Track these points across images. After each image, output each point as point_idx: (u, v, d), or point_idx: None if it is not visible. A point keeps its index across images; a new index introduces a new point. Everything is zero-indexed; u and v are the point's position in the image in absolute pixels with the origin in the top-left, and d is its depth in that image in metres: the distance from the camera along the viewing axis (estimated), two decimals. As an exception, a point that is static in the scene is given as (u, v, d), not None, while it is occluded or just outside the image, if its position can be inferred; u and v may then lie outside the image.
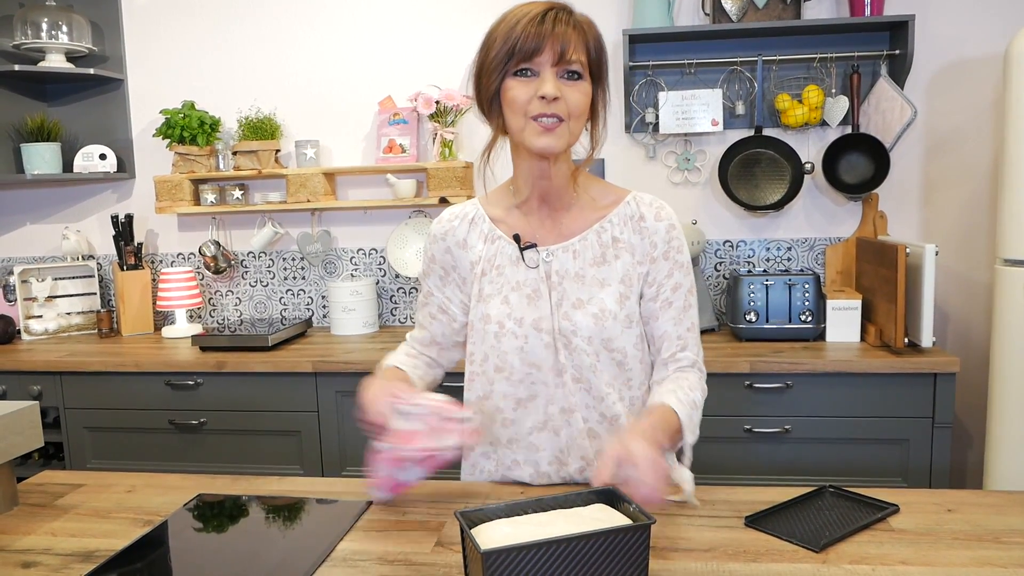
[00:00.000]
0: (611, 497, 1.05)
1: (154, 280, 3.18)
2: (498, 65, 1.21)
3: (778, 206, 2.76)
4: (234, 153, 2.99)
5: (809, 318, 2.54)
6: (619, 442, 1.08)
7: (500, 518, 1.01)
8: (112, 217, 3.07)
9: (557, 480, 1.36)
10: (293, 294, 3.17)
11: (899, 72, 2.65)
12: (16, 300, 3.02)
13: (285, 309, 3.18)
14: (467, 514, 0.98)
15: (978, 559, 1.05)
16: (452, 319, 1.42)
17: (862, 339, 2.54)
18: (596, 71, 1.26)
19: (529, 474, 1.37)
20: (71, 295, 3.15)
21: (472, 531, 0.95)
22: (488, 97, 1.25)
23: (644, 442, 1.08)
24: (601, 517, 1.00)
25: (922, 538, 1.12)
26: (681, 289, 1.33)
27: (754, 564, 1.06)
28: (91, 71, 2.98)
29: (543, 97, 1.19)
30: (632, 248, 1.33)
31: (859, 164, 2.73)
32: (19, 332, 3.04)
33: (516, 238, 1.34)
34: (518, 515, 1.02)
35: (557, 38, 1.18)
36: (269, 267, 3.17)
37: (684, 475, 1.24)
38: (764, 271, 2.80)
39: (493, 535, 0.95)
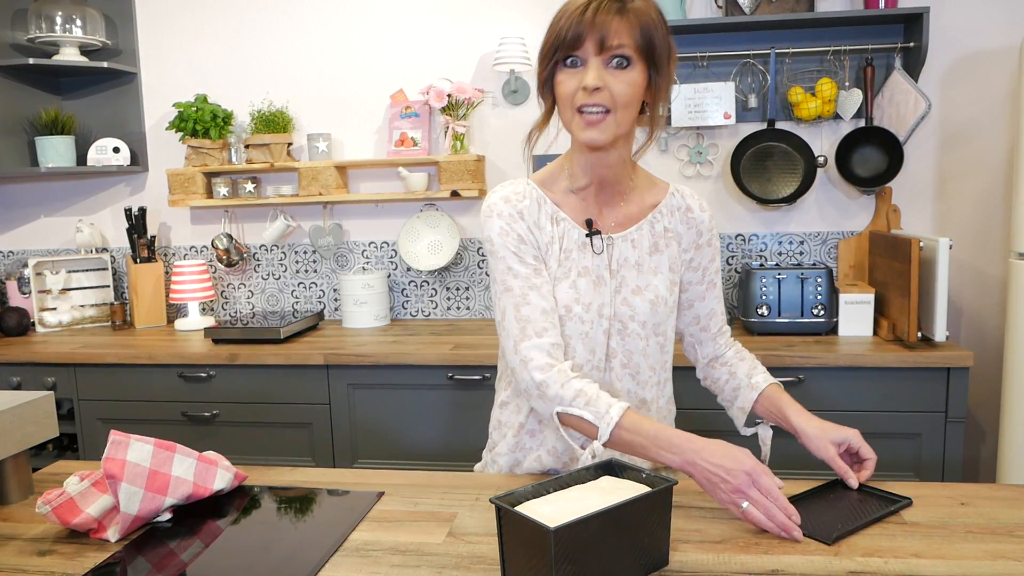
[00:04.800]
0: (611, 468, 1.13)
1: (167, 273, 3.20)
2: (547, 54, 1.25)
3: (791, 200, 2.75)
4: (246, 146, 3.00)
5: (821, 312, 2.53)
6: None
7: (529, 500, 1.01)
8: (125, 210, 3.09)
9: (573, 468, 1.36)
10: (305, 287, 3.18)
11: (913, 64, 2.63)
12: (30, 292, 3.04)
13: (297, 302, 3.20)
14: (499, 499, 0.99)
15: (991, 552, 1.05)
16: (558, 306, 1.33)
17: (875, 333, 2.53)
18: (648, 55, 1.22)
19: (552, 461, 1.39)
20: (85, 288, 3.17)
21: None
22: (541, 82, 1.30)
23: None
24: (621, 486, 1.06)
25: (935, 531, 1.12)
26: (720, 272, 1.48)
27: (766, 556, 1.05)
28: (104, 64, 3.00)
29: (585, 88, 1.21)
30: (679, 237, 1.40)
31: (872, 157, 2.71)
32: (33, 324, 3.06)
33: (588, 223, 1.35)
34: (542, 495, 1.04)
35: (597, 27, 1.19)
36: (281, 260, 3.18)
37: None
38: (776, 265, 2.79)
39: (537, 514, 0.96)
